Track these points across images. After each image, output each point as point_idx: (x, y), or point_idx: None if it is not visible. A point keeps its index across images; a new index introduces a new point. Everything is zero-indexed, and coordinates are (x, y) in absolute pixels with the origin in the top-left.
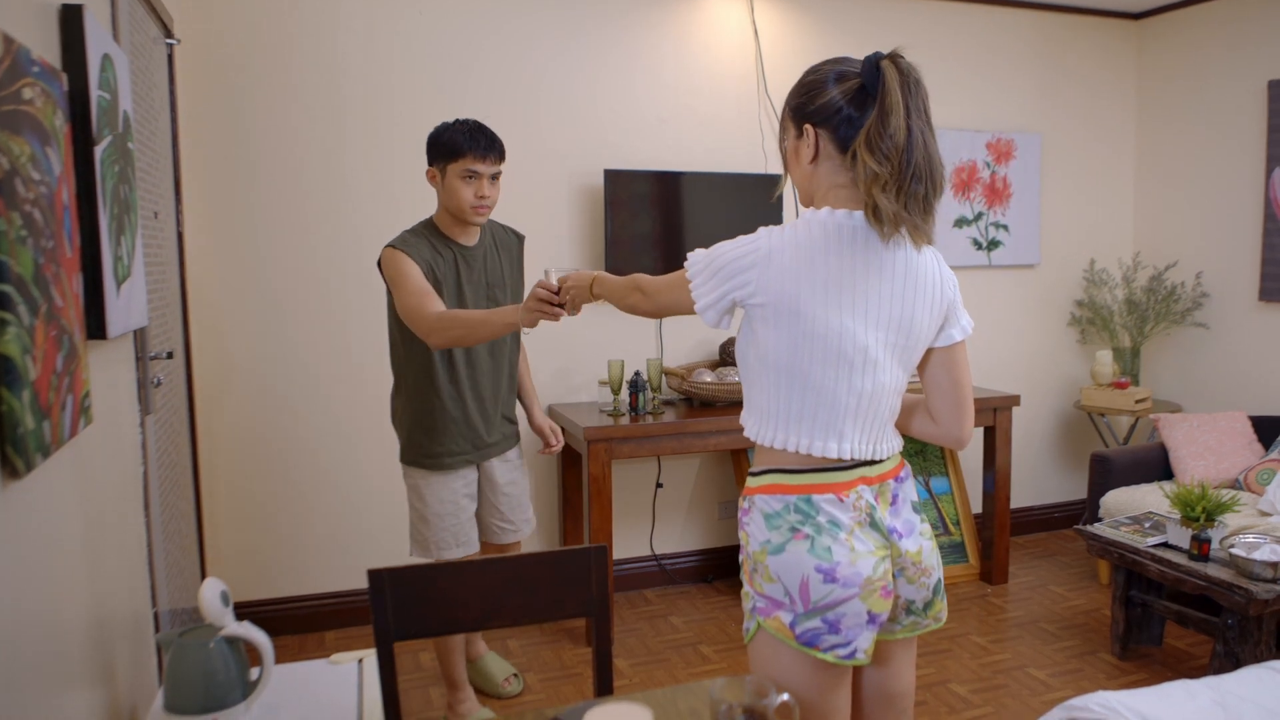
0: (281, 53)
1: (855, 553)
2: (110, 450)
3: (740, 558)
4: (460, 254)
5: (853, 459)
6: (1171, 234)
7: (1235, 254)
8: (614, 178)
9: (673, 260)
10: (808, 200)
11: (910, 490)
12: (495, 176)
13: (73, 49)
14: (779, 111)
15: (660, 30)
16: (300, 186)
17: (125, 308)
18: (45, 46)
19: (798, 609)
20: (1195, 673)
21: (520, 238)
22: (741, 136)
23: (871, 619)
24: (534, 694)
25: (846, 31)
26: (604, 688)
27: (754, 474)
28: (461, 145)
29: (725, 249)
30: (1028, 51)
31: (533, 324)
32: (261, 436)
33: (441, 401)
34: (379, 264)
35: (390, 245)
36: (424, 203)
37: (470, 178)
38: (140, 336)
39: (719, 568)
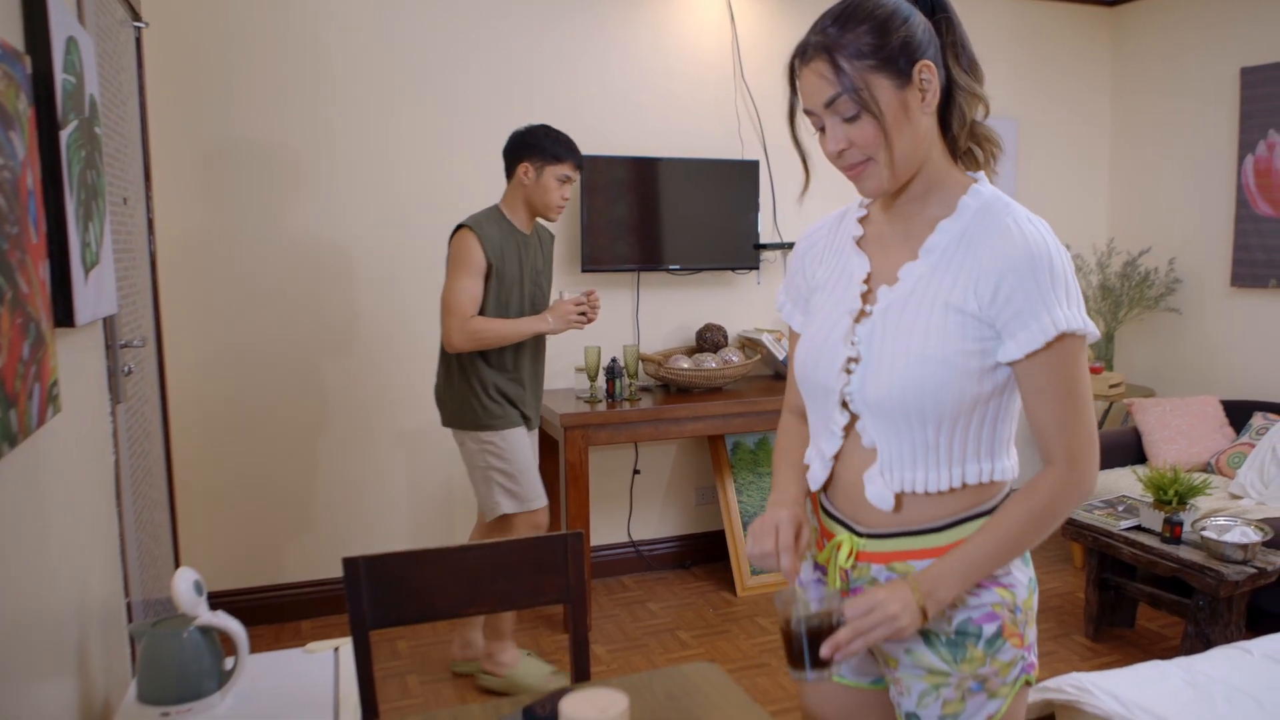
0: (253, 36)
1: None
2: (80, 439)
3: (990, 627)
4: (520, 241)
5: None
6: (1145, 220)
7: (1208, 240)
8: (590, 164)
9: (650, 246)
10: (911, 174)
11: None
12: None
13: (36, 31)
14: (754, 98)
15: (637, 16)
16: (273, 172)
17: (94, 295)
18: (7, 28)
19: (1035, 639)
20: (1167, 654)
21: (553, 236)
22: (718, 122)
23: None
24: None
25: (820, 15)
26: (581, 674)
27: (989, 510)
28: (564, 154)
29: (1075, 279)
30: (1004, 37)
31: (561, 331)
32: (235, 425)
33: (498, 371)
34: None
35: (464, 225)
36: (399, 187)
37: (563, 182)
38: (110, 324)
39: (696, 553)
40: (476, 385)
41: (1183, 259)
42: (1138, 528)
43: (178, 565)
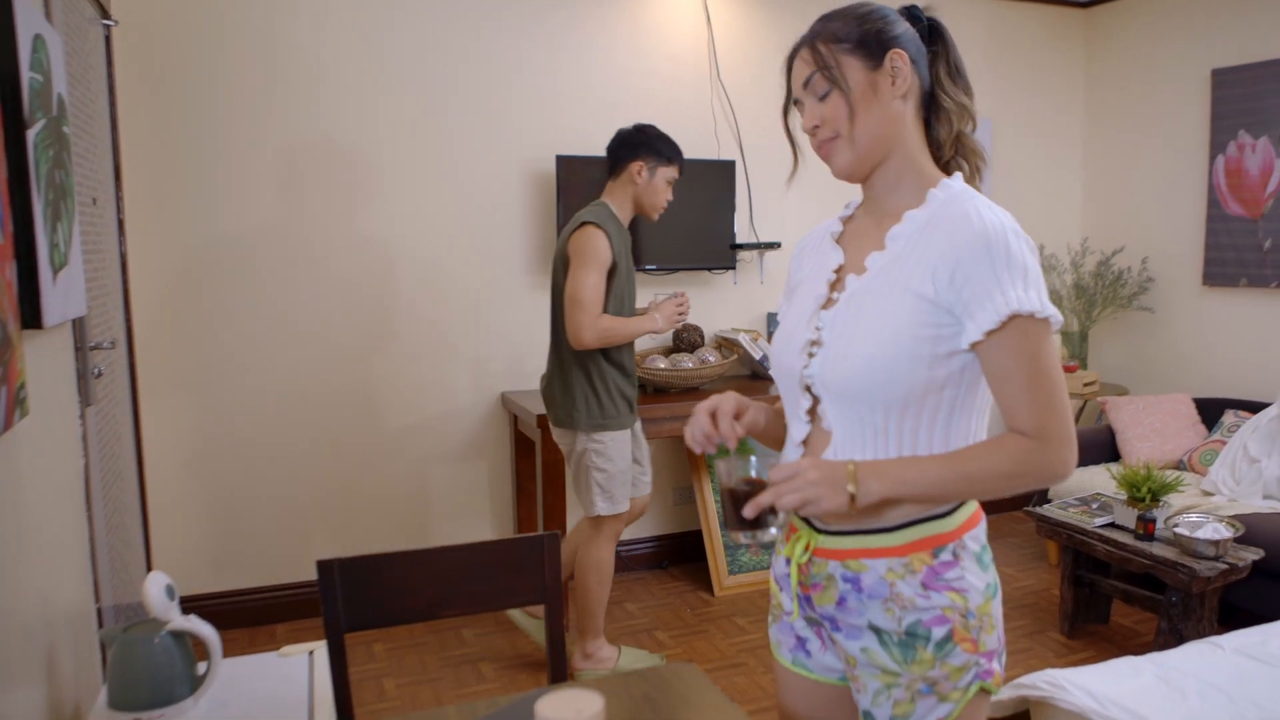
0: (224, 34)
1: None
2: (48, 442)
3: (940, 630)
4: (628, 238)
5: None
6: (1118, 219)
7: (1180, 239)
8: (566, 163)
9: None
10: (868, 159)
11: None
12: None
13: (2, 29)
14: (730, 98)
15: (613, 16)
16: (246, 172)
17: (62, 296)
18: None
19: (1000, 647)
20: (1141, 649)
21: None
22: (695, 122)
23: None
24: (488, 682)
25: (799, 17)
26: (558, 674)
27: (944, 515)
28: (675, 156)
29: (1036, 264)
30: (980, 38)
31: (665, 331)
32: (208, 427)
33: (617, 370)
34: (568, 238)
35: (591, 223)
36: (377, 187)
37: (670, 183)
38: (79, 326)
39: (674, 553)
40: (599, 385)
41: (1155, 258)
42: (1112, 525)
43: (150, 569)
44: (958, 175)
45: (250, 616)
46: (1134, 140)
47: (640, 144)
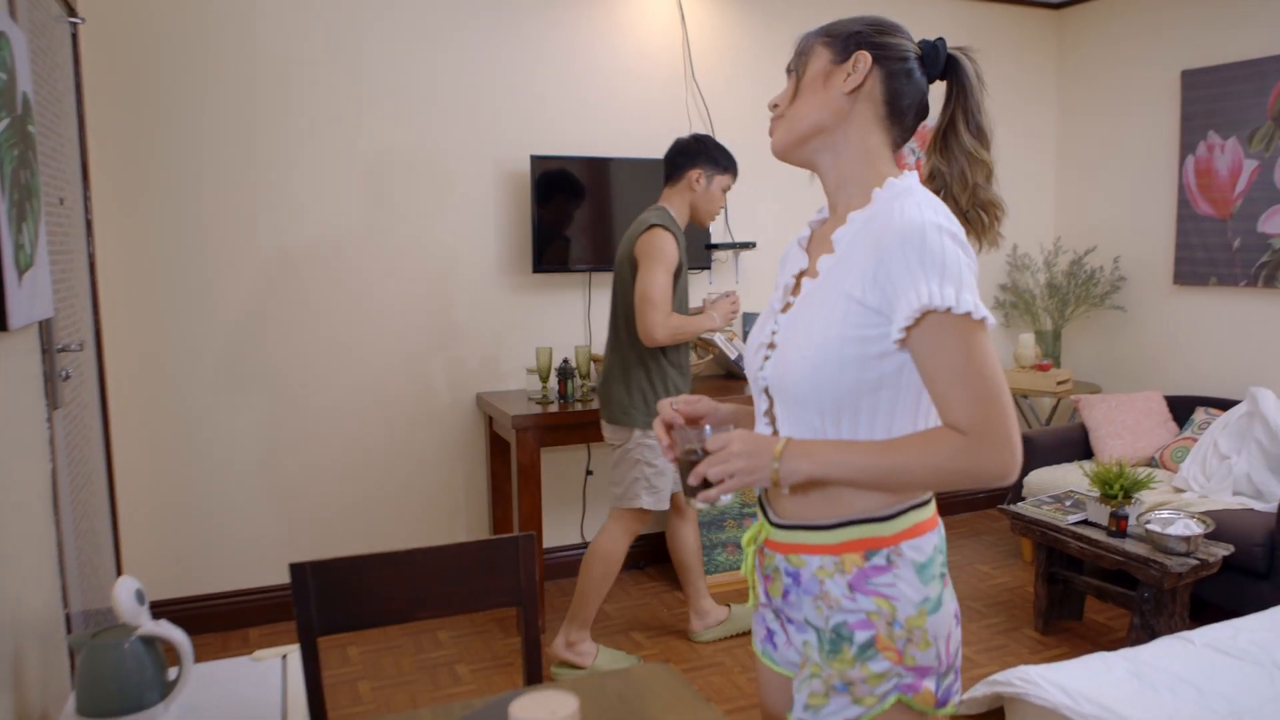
0: (194, 32)
1: None
2: (14, 446)
3: (864, 634)
4: (685, 241)
5: None
6: (1091, 219)
7: (1151, 239)
8: (541, 164)
9: (601, 247)
10: (798, 143)
11: None
12: None
13: None
14: (705, 98)
15: (588, 17)
16: (215, 172)
17: (28, 298)
18: None
19: (942, 669)
20: (1114, 645)
21: None
22: (669, 122)
23: None
24: (464, 684)
25: (773, 17)
26: (534, 676)
27: (882, 519)
28: (731, 166)
29: (960, 259)
30: (952, 38)
31: (720, 329)
32: (179, 430)
33: (675, 370)
34: (635, 240)
35: (659, 225)
36: (346, 188)
37: (725, 192)
38: (46, 328)
39: (650, 554)
40: (658, 384)
41: (1127, 258)
42: (1085, 522)
43: (120, 574)
44: (907, 174)
45: (223, 621)
46: (1106, 141)
47: (698, 153)
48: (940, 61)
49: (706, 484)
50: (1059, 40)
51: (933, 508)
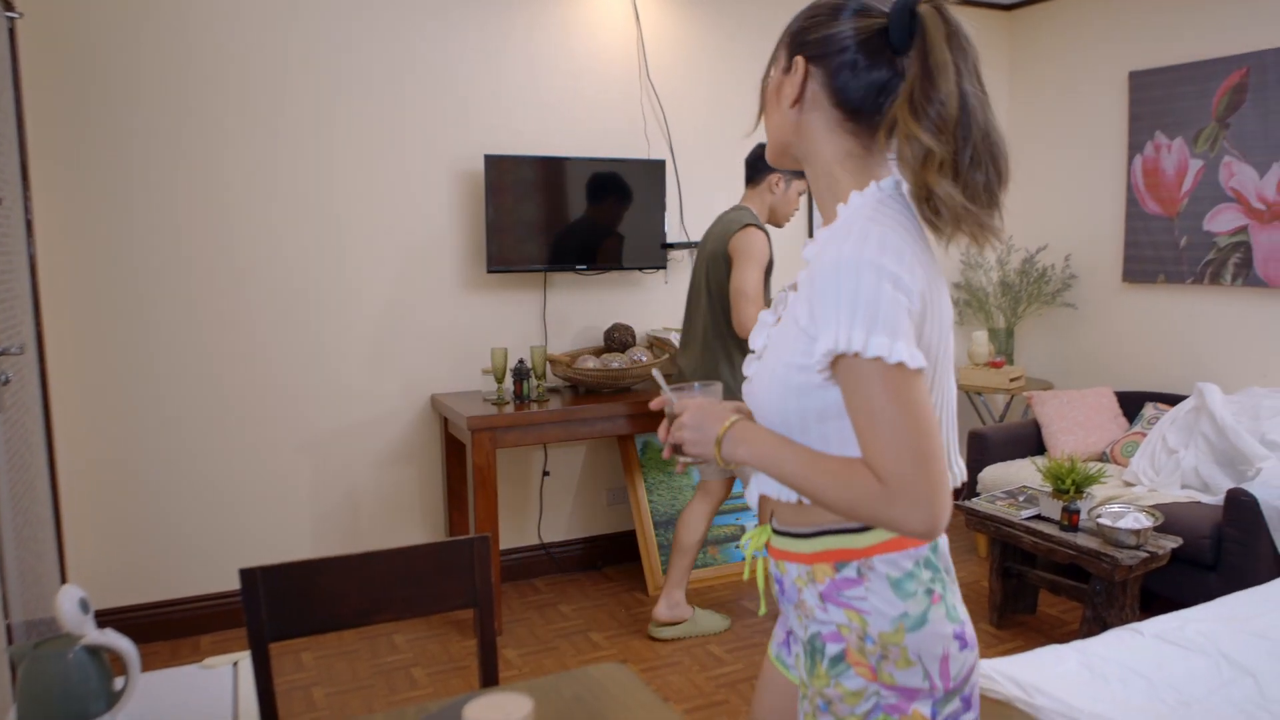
0: (138, 28)
1: (963, 604)
2: None
3: (835, 647)
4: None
5: (960, 482)
6: (1042, 218)
7: (1101, 237)
8: (494, 163)
9: (557, 247)
10: (778, 156)
11: None
12: None
13: None
14: (660, 97)
15: (542, 15)
16: (162, 171)
17: None
18: None
19: (938, 693)
20: (1067, 637)
21: None
22: (624, 122)
23: None
24: (421, 688)
25: (727, 15)
26: (489, 679)
27: (854, 529)
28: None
29: (887, 299)
30: None
31: None
32: (125, 434)
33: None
34: (729, 237)
35: (753, 224)
36: (297, 188)
37: (801, 195)
38: None
39: (608, 554)
40: (739, 373)
41: (1078, 256)
42: (1038, 517)
43: (64, 582)
44: (874, 184)
45: (172, 629)
46: (1056, 140)
47: None
48: (905, 28)
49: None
50: (1010, 41)
51: None
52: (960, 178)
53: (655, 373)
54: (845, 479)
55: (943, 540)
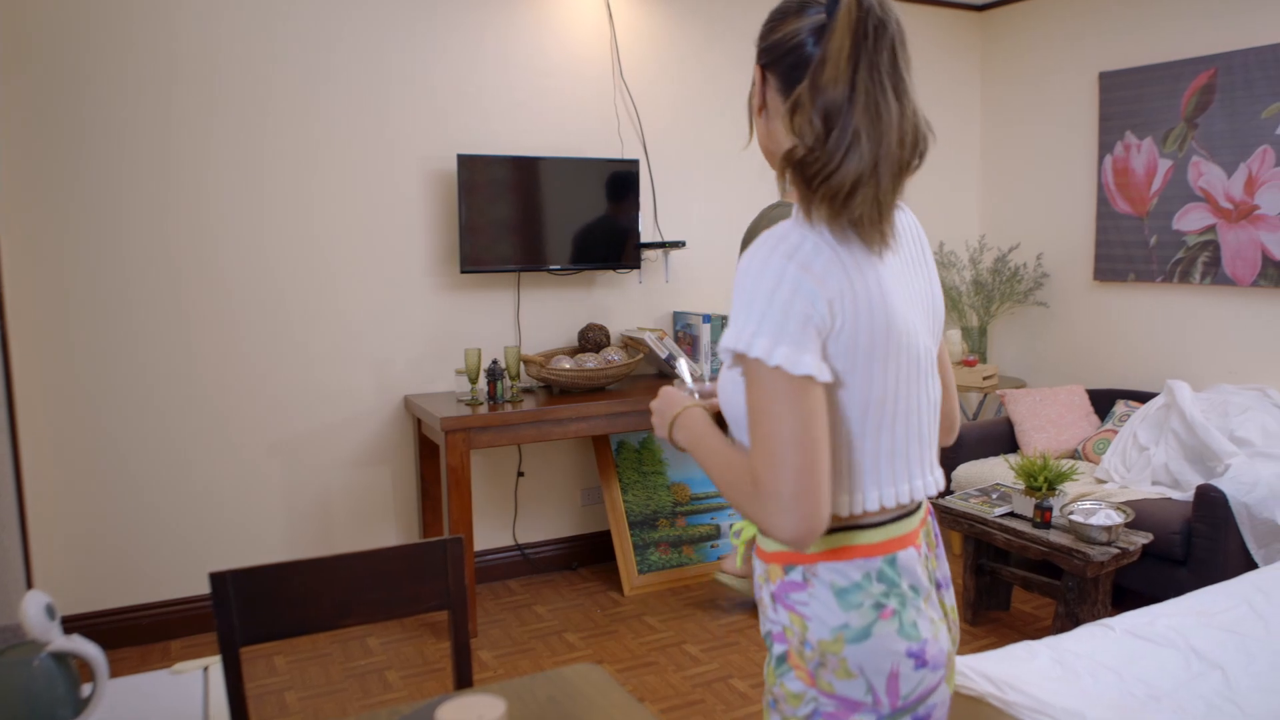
0: (105, 25)
1: (934, 624)
2: None
3: (779, 647)
4: None
5: (932, 494)
6: (1014, 217)
7: (1072, 236)
8: (468, 163)
9: (530, 247)
10: (769, 163)
11: (937, 526)
12: None
13: None
14: (633, 97)
15: (515, 15)
16: (130, 173)
17: None
18: None
19: (883, 710)
20: (1040, 633)
21: None
22: (598, 121)
23: (948, 701)
24: (395, 691)
25: (697, 14)
26: (464, 680)
27: None
28: None
29: (780, 301)
30: None
31: None
32: (92, 438)
33: None
34: (758, 231)
35: (778, 221)
36: (266, 185)
37: None
38: None
39: (583, 554)
40: None
41: (1049, 254)
42: (1011, 514)
43: (30, 588)
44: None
45: (142, 634)
46: (1028, 140)
47: None
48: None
49: None
50: (982, 42)
51: (873, 535)
52: (823, 172)
53: (681, 363)
54: (734, 476)
55: (909, 556)
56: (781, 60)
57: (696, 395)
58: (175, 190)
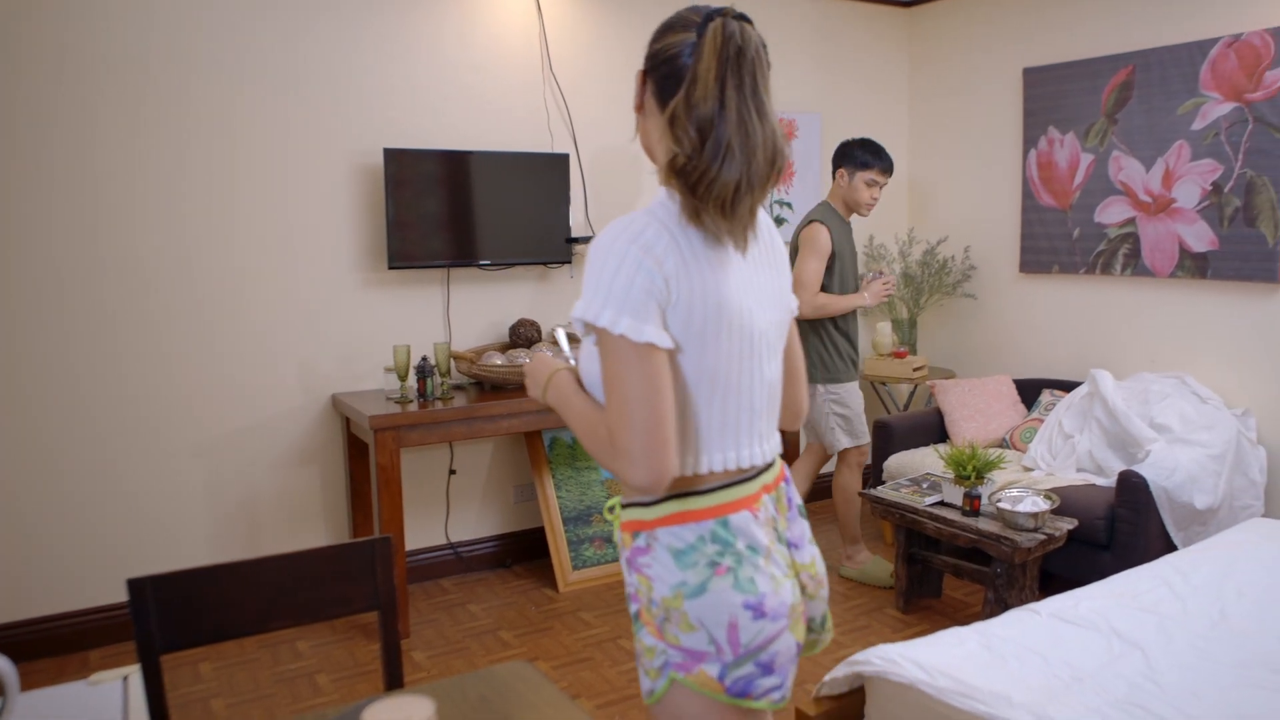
0: (20, 16)
1: (775, 579)
2: None
3: (634, 606)
4: (848, 229)
5: (765, 462)
6: (942, 211)
7: (998, 229)
8: (395, 157)
9: (460, 242)
10: (648, 156)
11: (795, 493)
12: (883, 186)
13: None
14: (563, 91)
15: (441, 7)
16: (49, 169)
17: None
18: None
19: (726, 657)
20: (970, 620)
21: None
22: (527, 116)
23: (798, 649)
24: (325, 695)
25: (628, 9)
26: (395, 682)
27: (645, 503)
28: (871, 160)
29: (623, 274)
30: (808, 35)
31: (874, 305)
32: (6, 441)
33: (843, 336)
34: (800, 231)
35: (816, 220)
36: (189, 180)
37: (870, 185)
38: None
39: (517, 552)
40: (830, 348)
41: (977, 247)
42: (941, 503)
43: None
44: (664, 188)
45: (57, 644)
46: (955, 134)
47: (842, 155)
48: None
49: None
50: (910, 38)
51: (706, 500)
52: (704, 180)
53: (559, 332)
54: (594, 432)
55: (742, 518)
56: (659, 68)
57: (572, 361)
58: (95, 188)
